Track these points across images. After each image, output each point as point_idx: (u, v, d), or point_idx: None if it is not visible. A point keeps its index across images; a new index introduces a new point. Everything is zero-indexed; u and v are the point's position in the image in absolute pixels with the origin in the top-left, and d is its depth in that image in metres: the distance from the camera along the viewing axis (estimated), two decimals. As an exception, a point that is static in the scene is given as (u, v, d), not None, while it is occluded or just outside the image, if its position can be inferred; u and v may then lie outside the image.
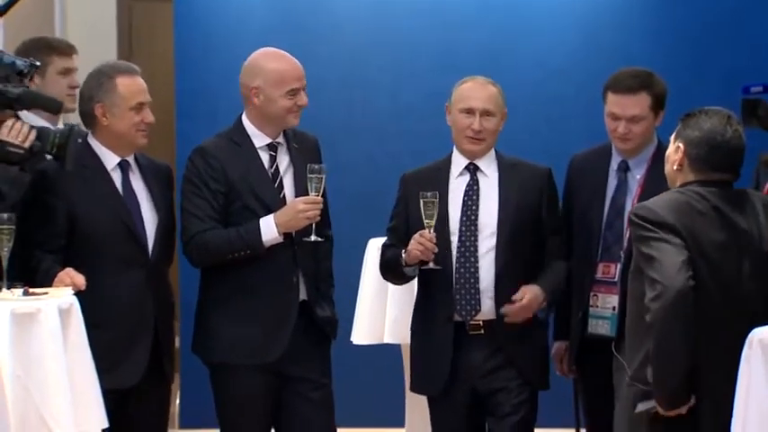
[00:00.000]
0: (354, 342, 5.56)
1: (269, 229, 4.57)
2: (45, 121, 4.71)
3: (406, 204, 4.79)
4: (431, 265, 4.62)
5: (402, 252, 4.66)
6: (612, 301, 4.67)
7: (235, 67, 4.77)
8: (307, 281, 4.67)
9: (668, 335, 3.69)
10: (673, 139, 3.97)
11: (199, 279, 4.76)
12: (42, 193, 4.49)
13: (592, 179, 4.88)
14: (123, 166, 4.62)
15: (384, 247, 4.88)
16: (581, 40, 6.94)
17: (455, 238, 4.68)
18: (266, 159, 4.70)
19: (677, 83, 5.36)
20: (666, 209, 3.80)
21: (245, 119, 4.73)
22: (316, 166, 4.57)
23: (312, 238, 4.59)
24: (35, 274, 4.36)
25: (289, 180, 4.70)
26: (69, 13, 7.79)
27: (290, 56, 4.71)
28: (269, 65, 4.66)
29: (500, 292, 4.65)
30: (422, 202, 4.57)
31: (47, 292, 4.06)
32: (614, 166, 4.85)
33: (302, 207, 4.55)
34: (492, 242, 4.68)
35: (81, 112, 4.64)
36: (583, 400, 4.97)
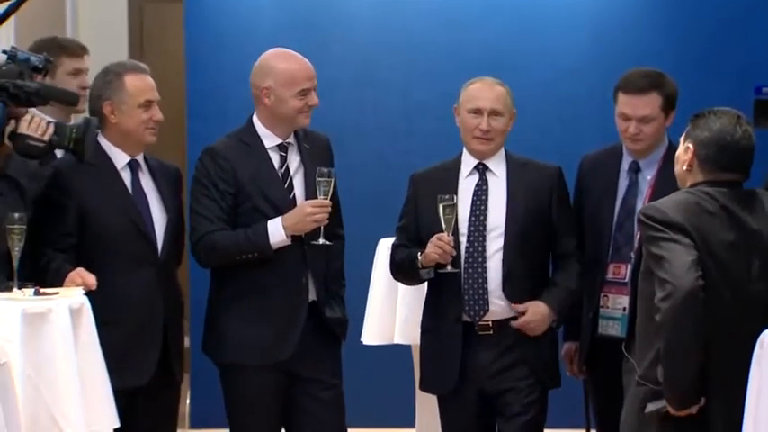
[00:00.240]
0: (365, 342, 5.55)
1: (277, 232, 4.57)
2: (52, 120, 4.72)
3: (416, 204, 4.79)
4: (448, 269, 4.61)
5: (418, 254, 4.67)
6: (623, 301, 4.66)
7: (245, 68, 4.78)
8: (316, 281, 4.67)
9: (678, 335, 3.69)
10: (682, 139, 3.97)
11: (209, 279, 4.77)
12: (53, 191, 4.50)
13: (602, 180, 4.87)
14: (133, 166, 4.63)
15: (394, 247, 4.88)
16: (592, 40, 6.93)
17: (464, 238, 4.68)
18: (276, 160, 4.70)
19: (689, 83, 5.36)
20: (675, 209, 3.80)
21: (255, 119, 4.73)
22: (325, 170, 4.56)
23: (320, 241, 4.58)
24: (45, 274, 4.37)
25: (299, 180, 4.70)
26: (80, 13, 7.80)
27: (300, 56, 4.71)
28: (280, 65, 4.66)
29: (508, 292, 4.65)
30: (440, 206, 4.57)
31: (58, 292, 4.07)
32: (625, 166, 4.85)
33: (310, 210, 4.55)
34: (500, 242, 4.68)
35: (90, 112, 4.64)
36: (593, 400, 4.97)
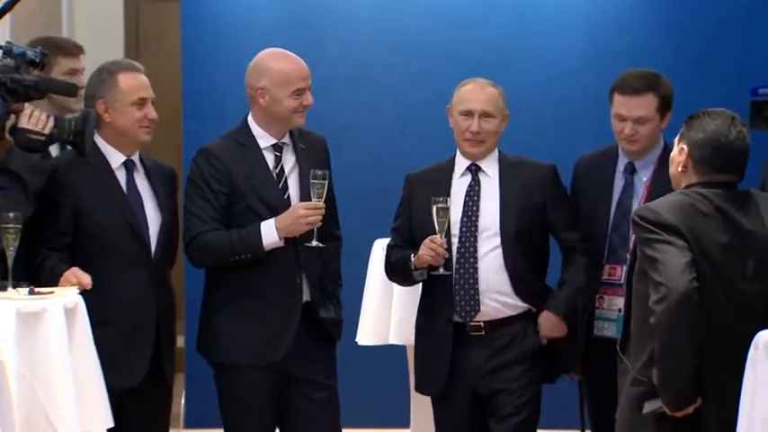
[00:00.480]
0: (360, 343, 5.56)
1: (270, 233, 4.57)
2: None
3: (410, 204, 4.80)
4: (441, 271, 4.63)
5: (411, 256, 4.67)
6: (618, 303, 4.66)
7: (242, 68, 4.77)
8: (310, 282, 4.67)
9: (673, 337, 3.69)
10: (677, 140, 3.97)
11: (204, 279, 4.77)
12: (49, 188, 4.50)
13: (598, 181, 4.87)
14: (128, 166, 4.62)
15: (388, 247, 4.89)
16: (588, 40, 6.93)
17: (455, 239, 4.68)
18: (271, 160, 4.70)
19: (685, 84, 5.36)
20: (670, 210, 3.80)
21: (250, 119, 4.73)
22: (319, 172, 4.57)
23: (314, 243, 4.58)
24: (40, 272, 4.38)
25: (294, 181, 4.70)
26: (76, 12, 7.80)
27: (295, 56, 4.71)
28: (274, 65, 4.66)
29: (519, 291, 4.67)
30: (434, 208, 4.58)
31: (52, 292, 4.07)
32: (621, 167, 4.85)
33: (303, 212, 4.55)
34: (493, 243, 4.69)
35: (85, 110, 4.65)
36: (588, 402, 4.96)
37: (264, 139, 4.70)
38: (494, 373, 4.67)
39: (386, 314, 5.41)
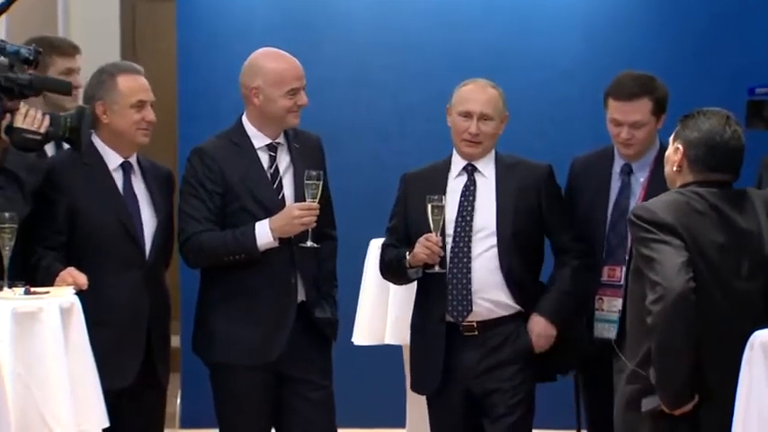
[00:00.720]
0: (356, 343, 5.55)
1: (264, 234, 4.56)
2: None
3: (405, 204, 4.80)
4: (436, 269, 4.62)
5: (406, 254, 4.67)
6: (618, 304, 4.64)
7: (238, 68, 4.76)
8: (305, 282, 4.67)
9: (670, 337, 3.69)
10: (672, 140, 3.97)
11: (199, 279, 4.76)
12: (45, 187, 4.49)
13: (594, 182, 4.87)
14: (126, 168, 4.62)
15: (383, 246, 4.89)
16: (585, 41, 6.92)
17: (450, 239, 4.68)
18: (266, 160, 4.69)
19: (681, 84, 5.36)
20: (666, 209, 3.80)
21: (245, 119, 4.72)
22: (313, 173, 4.56)
23: (308, 244, 4.58)
24: (36, 271, 4.38)
25: (288, 180, 4.69)
26: (72, 12, 7.79)
27: (289, 55, 4.70)
28: (269, 65, 4.65)
29: (513, 291, 4.66)
30: (429, 206, 4.57)
31: (48, 291, 4.07)
32: (617, 168, 4.84)
33: (298, 213, 4.55)
34: (487, 243, 4.68)
35: (84, 111, 4.64)
36: (585, 402, 4.96)
37: (259, 139, 4.70)
38: (487, 374, 4.67)
39: (382, 314, 5.41)
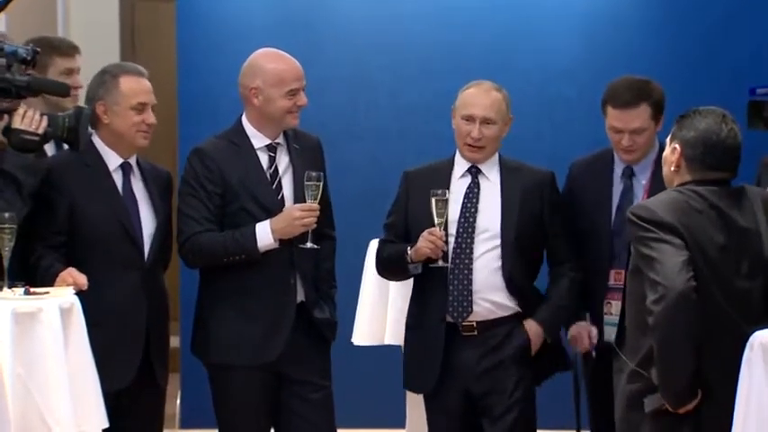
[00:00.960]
0: (355, 343, 5.55)
1: (265, 235, 4.56)
2: None
3: (406, 200, 4.79)
4: (439, 263, 4.62)
5: (407, 248, 4.66)
6: None
7: (238, 68, 4.76)
8: (304, 283, 4.67)
9: (672, 337, 3.69)
10: (669, 140, 3.97)
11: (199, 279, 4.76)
12: (45, 187, 4.49)
13: (596, 186, 4.85)
14: (125, 169, 4.62)
15: (381, 242, 4.88)
16: (585, 42, 6.92)
17: (452, 239, 4.68)
18: (265, 160, 4.69)
19: (682, 85, 5.36)
20: (665, 208, 3.79)
21: (244, 120, 4.72)
22: (313, 174, 4.56)
23: (308, 245, 4.58)
24: (35, 271, 4.37)
25: (288, 181, 4.69)
26: (72, 12, 7.78)
27: (289, 56, 4.70)
28: (268, 65, 4.65)
29: (514, 294, 4.66)
30: (433, 200, 4.57)
31: (48, 292, 4.07)
32: (618, 172, 4.83)
33: (298, 214, 4.55)
34: (490, 245, 4.68)
35: (85, 112, 4.64)
36: (589, 404, 4.94)
37: (258, 140, 4.70)
38: (486, 374, 4.67)
39: (381, 314, 5.41)
